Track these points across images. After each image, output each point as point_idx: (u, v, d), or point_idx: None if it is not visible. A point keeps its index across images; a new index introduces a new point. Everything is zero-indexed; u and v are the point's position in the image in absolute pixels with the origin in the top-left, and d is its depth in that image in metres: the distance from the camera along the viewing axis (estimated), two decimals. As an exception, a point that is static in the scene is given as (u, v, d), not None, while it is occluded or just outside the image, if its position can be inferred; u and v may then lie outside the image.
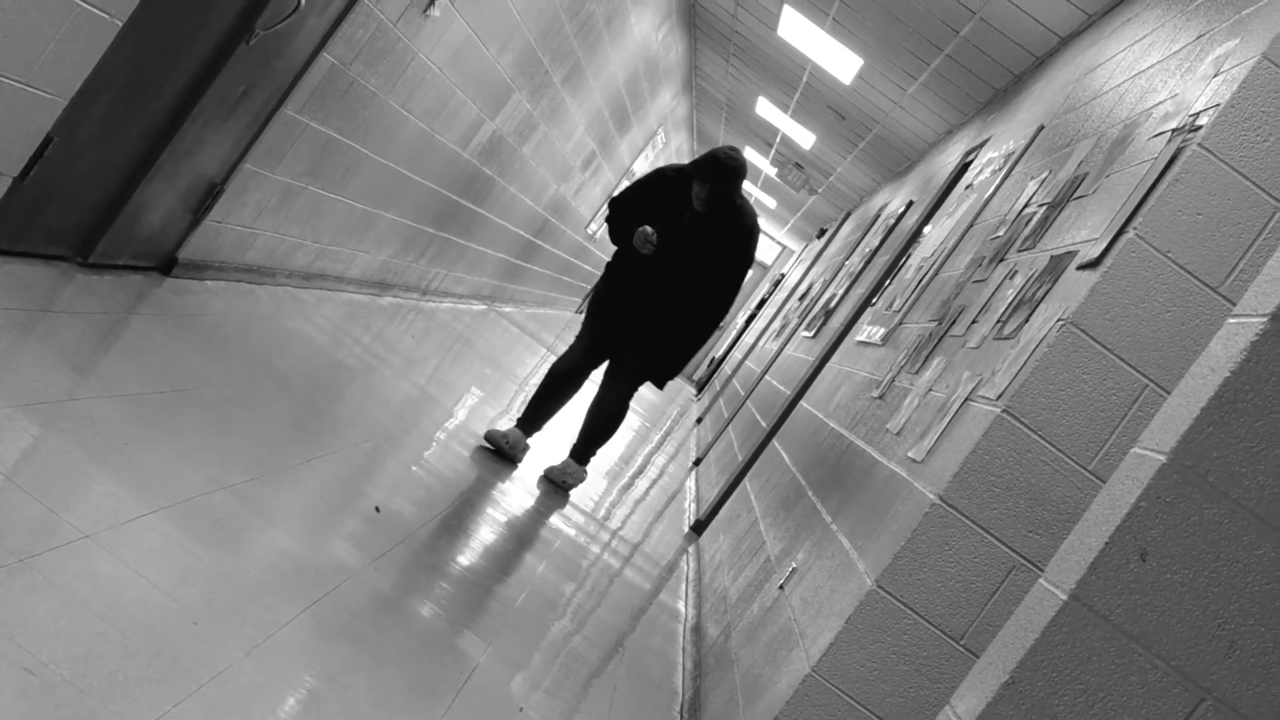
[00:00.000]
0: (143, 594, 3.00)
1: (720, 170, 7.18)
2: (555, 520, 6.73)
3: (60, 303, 4.87)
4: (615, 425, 7.58)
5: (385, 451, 5.68)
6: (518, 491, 6.73)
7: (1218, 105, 3.77)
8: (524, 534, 6.05)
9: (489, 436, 7.14)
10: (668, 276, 7.36)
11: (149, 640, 2.81)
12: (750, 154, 21.49)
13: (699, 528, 9.09)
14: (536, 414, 7.35)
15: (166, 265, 6.15)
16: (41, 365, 3.99)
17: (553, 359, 7.87)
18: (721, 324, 7.69)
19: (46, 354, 4.12)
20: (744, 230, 7.34)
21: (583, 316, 7.65)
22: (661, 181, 7.41)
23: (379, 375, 7.00)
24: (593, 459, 7.82)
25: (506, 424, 7.69)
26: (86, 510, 3.22)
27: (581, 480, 7.56)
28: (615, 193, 7.88)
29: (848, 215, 18.56)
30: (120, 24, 4.10)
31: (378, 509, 5.45)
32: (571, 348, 7.51)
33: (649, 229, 7.21)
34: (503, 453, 7.12)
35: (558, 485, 7.42)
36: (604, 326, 7.47)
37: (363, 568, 4.17)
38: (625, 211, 7.42)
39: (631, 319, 7.44)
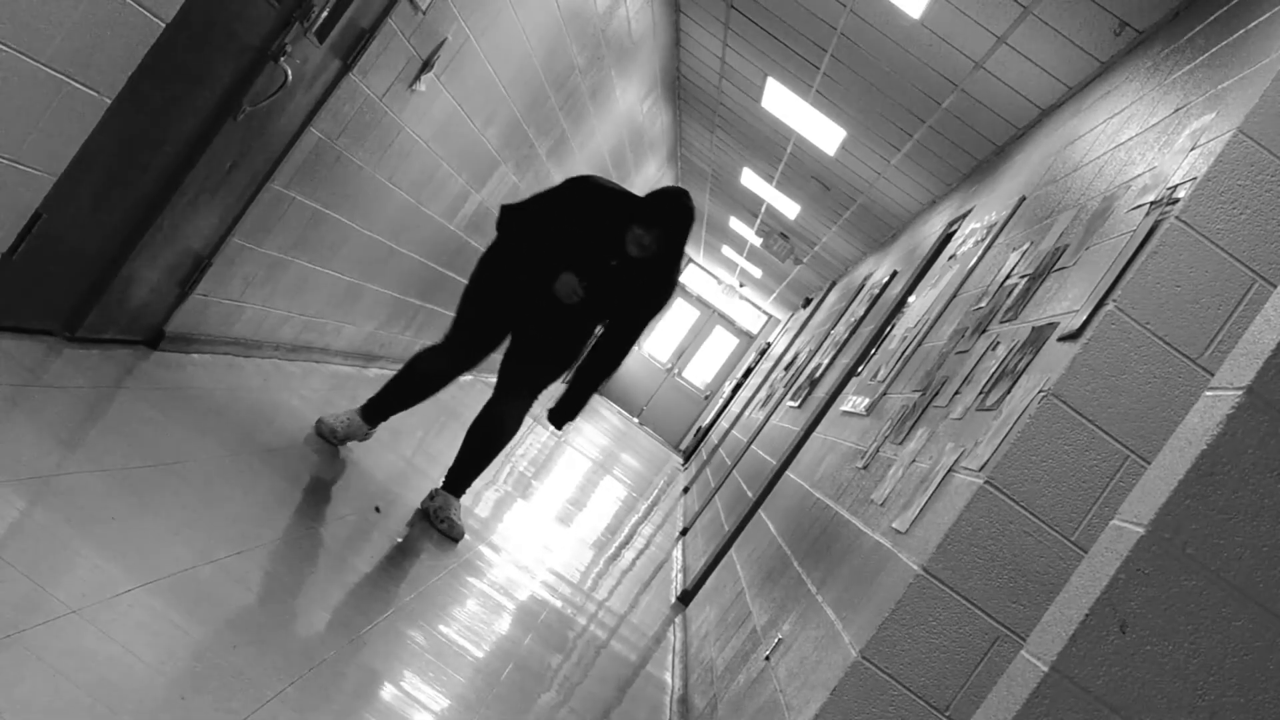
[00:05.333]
0: (130, 669, 3.00)
1: (677, 217, 6.23)
2: (541, 591, 6.72)
3: (48, 377, 4.88)
4: (506, 444, 6.67)
5: (371, 524, 5.68)
6: (504, 563, 6.72)
7: (1195, 179, 3.82)
8: (510, 605, 6.04)
9: (321, 430, 6.39)
10: (579, 307, 6.42)
11: (136, 716, 2.81)
12: (735, 224, 21.58)
13: (686, 598, 9.08)
14: (387, 407, 6.52)
15: (154, 339, 6.17)
16: (28, 439, 4.01)
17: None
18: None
19: (34, 428, 4.13)
20: (675, 277, 6.45)
21: (458, 308, 6.62)
22: (599, 197, 6.35)
23: (364, 448, 7.01)
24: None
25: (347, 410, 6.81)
26: (73, 585, 3.22)
27: (462, 528, 6.48)
28: (514, 200, 6.82)
29: (833, 285, 18.63)
30: (109, 101, 4.13)
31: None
32: (443, 347, 6.54)
33: (575, 280, 6.30)
34: (330, 443, 6.38)
35: (440, 531, 6.39)
36: (488, 332, 6.50)
37: (348, 641, 4.18)
38: (539, 221, 6.39)
39: (529, 330, 6.50)
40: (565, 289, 6.29)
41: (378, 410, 6.54)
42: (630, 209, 6.25)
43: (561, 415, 6.60)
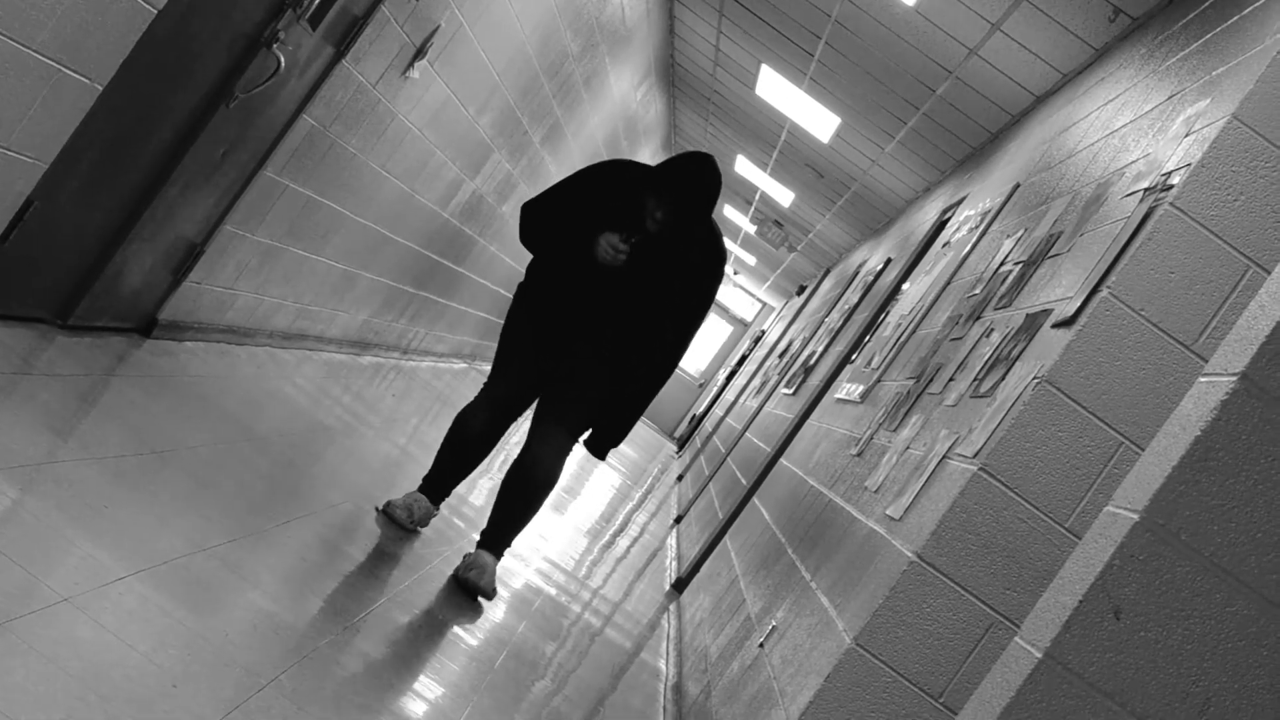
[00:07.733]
0: (122, 657, 2.99)
1: (691, 186, 5.57)
2: (536, 579, 6.72)
3: (40, 365, 4.87)
4: (546, 495, 5.82)
5: (365, 512, 5.68)
6: (498, 551, 6.72)
7: (1189, 165, 3.82)
8: (504, 593, 6.04)
9: (389, 512, 5.78)
10: (609, 310, 5.76)
11: (128, 704, 2.81)
12: (730, 212, 21.56)
13: (680, 585, 9.09)
14: (445, 478, 5.91)
15: (146, 326, 6.16)
16: (20, 428, 4.00)
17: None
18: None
19: (26, 416, 4.12)
20: (715, 260, 5.73)
21: (495, 353, 5.96)
22: (622, 177, 5.70)
23: (359, 435, 7.00)
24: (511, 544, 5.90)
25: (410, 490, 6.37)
26: (66, 573, 3.22)
27: (493, 584, 5.63)
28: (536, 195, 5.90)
29: (827, 272, 18.62)
30: (101, 88, 4.12)
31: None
32: (483, 400, 5.85)
33: (614, 237, 5.59)
34: (405, 529, 5.78)
35: (470, 586, 5.57)
36: (524, 372, 5.83)
37: (342, 629, 4.17)
38: (559, 214, 5.75)
39: (563, 360, 5.82)
40: (606, 248, 5.58)
41: (437, 484, 5.92)
42: (648, 181, 5.66)
43: (603, 442, 5.98)
